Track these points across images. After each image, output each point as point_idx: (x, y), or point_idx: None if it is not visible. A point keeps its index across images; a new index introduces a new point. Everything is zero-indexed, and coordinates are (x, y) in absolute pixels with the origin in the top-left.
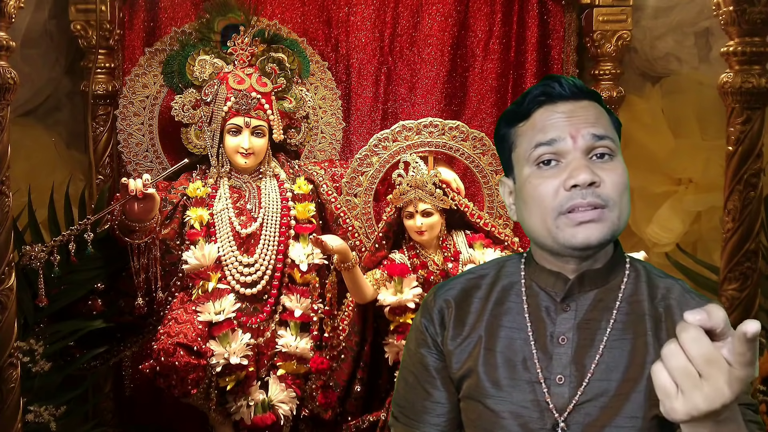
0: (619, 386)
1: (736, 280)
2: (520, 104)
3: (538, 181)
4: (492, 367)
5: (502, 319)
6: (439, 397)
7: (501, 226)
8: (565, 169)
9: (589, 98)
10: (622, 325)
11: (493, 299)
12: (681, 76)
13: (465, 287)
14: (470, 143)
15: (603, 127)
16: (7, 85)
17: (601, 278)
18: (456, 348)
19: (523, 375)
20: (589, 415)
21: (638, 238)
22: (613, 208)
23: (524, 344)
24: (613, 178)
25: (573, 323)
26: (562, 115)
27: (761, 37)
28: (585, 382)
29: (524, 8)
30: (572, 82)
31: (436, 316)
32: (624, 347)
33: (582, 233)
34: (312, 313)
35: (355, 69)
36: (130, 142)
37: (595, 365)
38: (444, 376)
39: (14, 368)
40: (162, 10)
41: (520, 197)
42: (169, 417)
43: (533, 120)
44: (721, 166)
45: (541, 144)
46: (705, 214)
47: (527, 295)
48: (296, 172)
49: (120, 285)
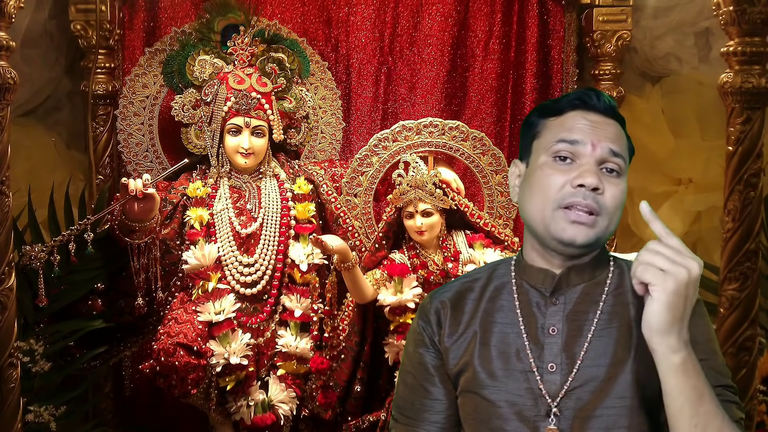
0: (607, 371)
1: (736, 280)
2: (556, 102)
3: (549, 171)
4: (487, 360)
5: (495, 315)
6: (437, 394)
7: (501, 226)
8: (576, 169)
9: (617, 119)
10: (608, 315)
11: (486, 299)
12: (681, 76)
13: (459, 290)
14: (470, 143)
15: (620, 147)
16: (7, 85)
17: (587, 272)
18: (452, 345)
19: (516, 365)
20: (581, 400)
21: (638, 238)
22: (605, 217)
23: (517, 337)
24: (614, 192)
25: (562, 315)
26: (590, 123)
27: (761, 37)
28: (575, 369)
29: (524, 8)
30: (608, 101)
31: (432, 317)
32: (611, 335)
33: (571, 230)
34: (312, 313)
35: (355, 69)
36: (130, 142)
37: (584, 353)
38: (442, 374)
39: (14, 368)
40: (162, 10)
41: (527, 181)
42: (169, 417)
43: (564, 118)
44: (721, 166)
45: (564, 141)
46: (705, 214)
47: (518, 293)
48: (296, 172)
49: (120, 285)
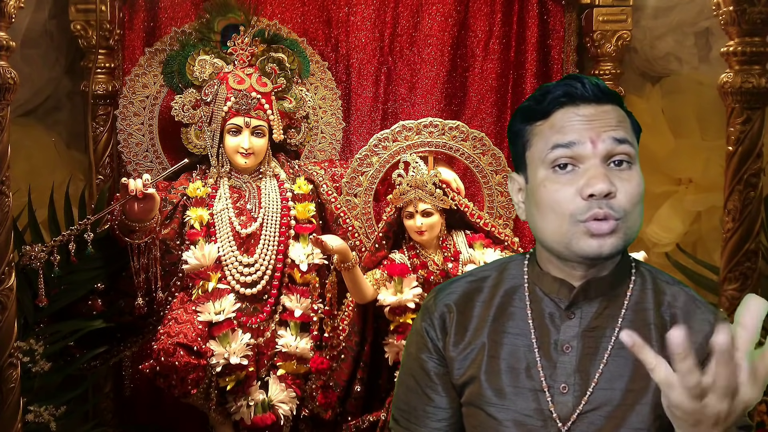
0: (623, 396)
1: (736, 280)
2: (539, 102)
3: (554, 187)
4: (495, 375)
5: (505, 324)
6: (440, 402)
7: (501, 226)
8: (582, 176)
9: (611, 101)
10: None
11: (495, 303)
12: (681, 76)
13: (467, 290)
14: (470, 143)
15: (624, 131)
16: (7, 85)
17: (606, 286)
18: (458, 355)
19: (526, 383)
20: (593, 425)
21: (638, 238)
22: (626, 219)
23: (528, 351)
24: (628, 189)
25: (578, 331)
26: (583, 118)
27: (761, 37)
28: (589, 391)
29: (524, 8)
30: (595, 83)
31: (437, 321)
32: (629, 356)
33: (596, 244)
34: (312, 313)
35: (355, 69)
36: (130, 142)
37: (600, 374)
38: (445, 382)
39: (14, 368)
40: (162, 10)
41: (532, 199)
42: (169, 417)
43: (552, 120)
44: (721, 166)
45: (559, 146)
46: (705, 214)
47: (531, 300)
48: (296, 172)
49: (120, 285)
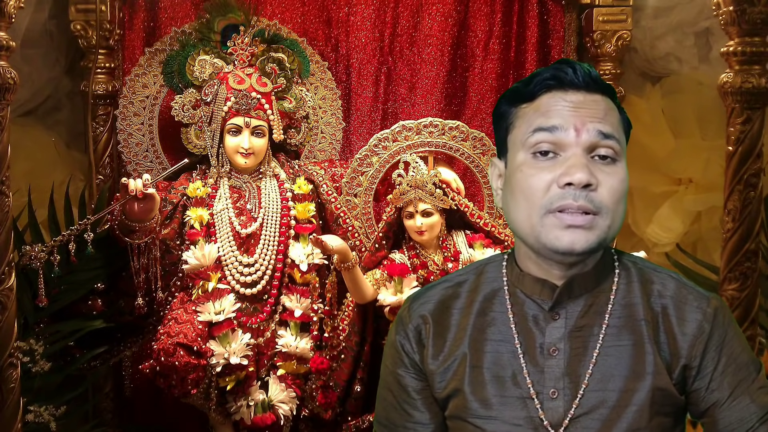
0: (618, 396)
1: (736, 280)
2: (526, 84)
3: (531, 171)
4: (479, 386)
5: (486, 331)
6: (420, 418)
7: (501, 226)
8: (562, 164)
9: (602, 92)
10: (616, 330)
11: (475, 310)
12: (681, 76)
13: (442, 298)
14: (470, 143)
15: (611, 126)
16: (7, 85)
17: (591, 282)
18: (438, 367)
19: (513, 391)
20: (587, 429)
21: (638, 238)
22: (605, 216)
23: (512, 357)
24: (611, 184)
25: (564, 332)
26: (570, 104)
27: (761, 37)
28: (580, 395)
29: (524, 8)
30: (587, 70)
31: (412, 333)
32: (620, 354)
33: (567, 237)
34: (312, 313)
35: (355, 69)
36: (130, 142)
37: (590, 375)
38: (425, 396)
39: (14, 368)
40: (162, 10)
41: (508, 184)
42: (169, 417)
43: (538, 103)
44: (721, 166)
45: (541, 129)
46: (705, 214)
47: (512, 303)
48: (296, 172)
49: (120, 285)
